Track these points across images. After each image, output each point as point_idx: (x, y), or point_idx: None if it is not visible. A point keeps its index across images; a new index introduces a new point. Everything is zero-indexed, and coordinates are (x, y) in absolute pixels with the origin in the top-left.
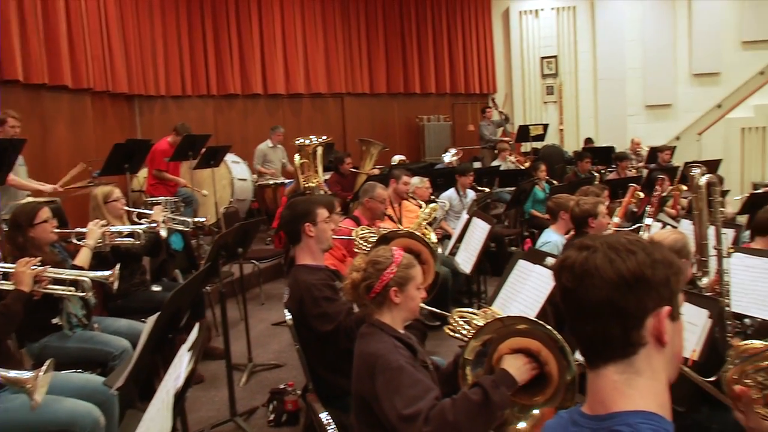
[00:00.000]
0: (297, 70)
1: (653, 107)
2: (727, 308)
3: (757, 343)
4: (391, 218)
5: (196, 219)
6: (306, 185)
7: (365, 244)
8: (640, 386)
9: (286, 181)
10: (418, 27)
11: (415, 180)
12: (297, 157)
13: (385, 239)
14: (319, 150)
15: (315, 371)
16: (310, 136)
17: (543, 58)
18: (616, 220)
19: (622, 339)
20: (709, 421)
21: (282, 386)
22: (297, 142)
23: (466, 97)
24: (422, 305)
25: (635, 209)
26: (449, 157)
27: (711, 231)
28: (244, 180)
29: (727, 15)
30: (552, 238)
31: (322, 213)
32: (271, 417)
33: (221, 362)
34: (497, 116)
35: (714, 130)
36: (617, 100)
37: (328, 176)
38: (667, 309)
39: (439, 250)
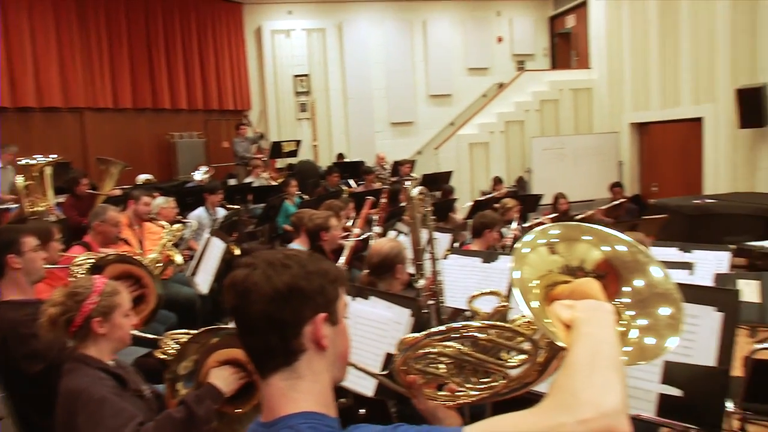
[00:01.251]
0: (25, 80)
1: (397, 124)
2: (442, 304)
3: (418, 335)
4: (126, 242)
5: None
6: (32, 210)
7: (84, 272)
8: (302, 389)
9: (12, 206)
10: (167, 39)
11: (160, 200)
12: (20, 178)
13: (96, 267)
14: (48, 170)
15: (30, 419)
16: (35, 156)
17: (296, 76)
18: (356, 230)
19: (282, 348)
20: None
21: None
22: (20, 162)
23: (220, 113)
24: (133, 332)
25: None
26: (200, 174)
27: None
28: None
29: (454, 45)
30: None
31: (29, 242)
32: None
33: None
34: (252, 133)
35: (448, 145)
36: (365, 117)
37: (62, 199)
38: (323, 315)
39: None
